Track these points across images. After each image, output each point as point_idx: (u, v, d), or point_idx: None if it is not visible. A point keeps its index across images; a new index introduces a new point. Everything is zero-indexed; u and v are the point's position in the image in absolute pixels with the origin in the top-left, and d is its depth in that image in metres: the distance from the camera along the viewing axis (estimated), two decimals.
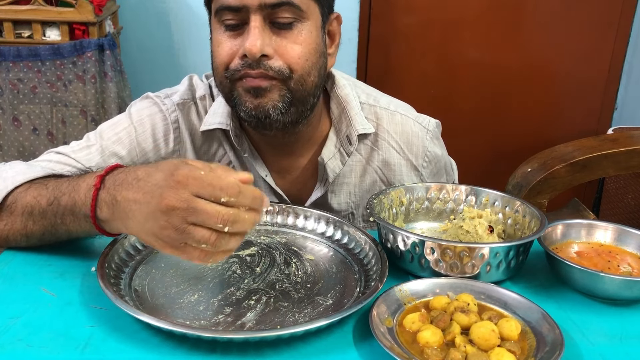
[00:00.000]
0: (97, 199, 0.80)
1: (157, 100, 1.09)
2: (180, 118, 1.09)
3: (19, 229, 0.89)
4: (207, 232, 0.71)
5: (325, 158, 1.07)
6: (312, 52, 0.95)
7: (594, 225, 0.94)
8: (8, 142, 2.39)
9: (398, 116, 1.12)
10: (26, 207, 0.88)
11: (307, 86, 0.96)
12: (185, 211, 0.71)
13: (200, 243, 0.71)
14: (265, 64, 0.91)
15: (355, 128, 1.07)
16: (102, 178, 0.81)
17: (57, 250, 0.91)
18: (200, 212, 0.71)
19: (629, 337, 0.76)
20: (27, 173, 0.92)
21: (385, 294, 0.77)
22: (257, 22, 0.90)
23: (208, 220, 0.71)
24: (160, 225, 0.72)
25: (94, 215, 0.80)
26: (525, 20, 2.80)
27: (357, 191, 1.13)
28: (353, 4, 2.77)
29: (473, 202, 1.02)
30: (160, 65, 2.75)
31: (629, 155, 1.73)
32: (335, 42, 1.04)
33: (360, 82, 1.17)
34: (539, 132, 2.96)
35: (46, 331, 0.72)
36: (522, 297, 0.77)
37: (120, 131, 1.07)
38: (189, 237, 0.71)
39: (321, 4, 0.97)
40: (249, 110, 0.94)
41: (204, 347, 0.70)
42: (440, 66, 2.88)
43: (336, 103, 1.09)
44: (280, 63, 0.92)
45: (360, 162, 1.11)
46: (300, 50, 0.93)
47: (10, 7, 2.22)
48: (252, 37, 0.90)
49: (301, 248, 0.94)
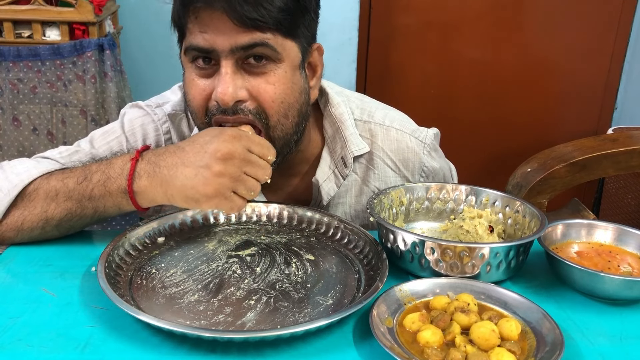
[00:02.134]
0: (135, 169, 0.86)
1: (149, 110, 1.08)
2: (172, 129, 1.08)
3: (37, 214, 0.90)
4: (255, 182, 0.85)
5: (319, 180, 1.05)
6: (288, 92, 0.91)
7: (594, 225, 0.94)
8: (8, 142, 2.39)
9: (393, 132, 1.09)
10: (50, 191, 0.90)
11: (286, 129, 0.93)
12: (242, 161, 0.83)
13: (250, 191, 0.84)
14: (242, 108, 0.89)
15: (351, 150, 1.05)
16: (140, 152, 0.87)
17: (57, 250, 0.91)
18: (255, 163, 0.84)
19: (629, 337, 0.76)
20: (40, 167, 0.94)
21: (385, 294, 0.77)
22: (228, 67, 0.87)
23: (260, 172, 0.85)
24: (215, 173, 0.81)
25: (131, 184, 0.85)
26: (525, 20, 2.80)
27: (353, 211, 1.11)
28: (353, 4, 2.77)
29: (473, 202, 1.02)
30: (160, 65, 2.75)
31: (629, 155, 1.73)
32: (317, 74, 1.00)
33: (353, 94, 1.13)
34: (539, 132, 2.96)
35: (46, 331, 0.72)
36: (522, 297, 0.77)
37: (111, 140, 1.06)
38: (242, 185, 0.83)
39: (299, 40, 0.91)
40: None
41: (204, 347, 0.70)
42: (440, 66, 2.88)
43: (330, 122, 1.06)
44: (256, 105, 0.90)
45: (356, 181, 1.09)
46: (273, 91, 0.89)
47: (10, 7, 2.22)
48: (223, 85, 0.87)
49: (301, 248, 0.94)
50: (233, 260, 0.90)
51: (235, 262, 0.89)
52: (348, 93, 1.12)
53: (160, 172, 0.85)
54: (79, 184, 0.89)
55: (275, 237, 0.98)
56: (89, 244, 0.95)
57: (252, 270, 0.87)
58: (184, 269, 0.87)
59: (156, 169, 0.85)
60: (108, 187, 0.87)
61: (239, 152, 0.83)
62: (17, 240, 0.92)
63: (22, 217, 0.90)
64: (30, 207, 0.90)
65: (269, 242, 0.96)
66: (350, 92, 1.13)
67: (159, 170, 0.85)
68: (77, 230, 0.95)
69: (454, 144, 2.59)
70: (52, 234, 0.93)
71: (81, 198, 0.89)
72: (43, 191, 0.90)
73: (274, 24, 0.86)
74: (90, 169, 0.90)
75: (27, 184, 0.90)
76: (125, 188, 0.86)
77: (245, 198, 0.86)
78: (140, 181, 0.86)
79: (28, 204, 0.90)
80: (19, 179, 0.91)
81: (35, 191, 0.90)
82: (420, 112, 1.18)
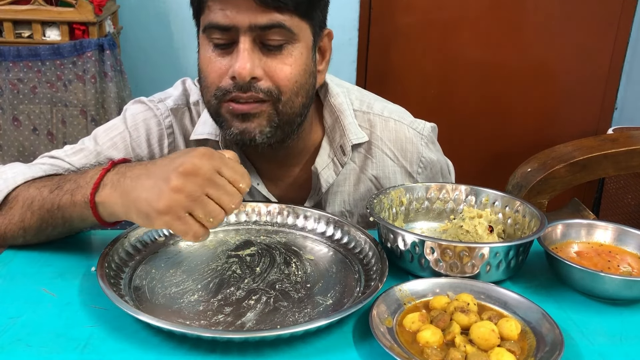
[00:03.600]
0: (103, 179, 0.81)
1: (151, 105, 1.08)
2: (174, 123, 1.08)
3: (16, 222, 0.89)
4: (217, 208, 0.74)
5: (318, 168, 1.06)
6: (302, 73, 0.93)
7: (594, 225, 0.94)
8: (8, 142, 2.39)
9: (392, 122, 1.11)
10: (27, 199, 0.88)
11: (295, 108, 0.94)
12: (207, 180, 0.74)
13: (208, 217, 0.73)
14: (255, 86, 0.90)
15: (349, 138, 1.06)
16: (114, 164, 0.83)
17: (57, 250, 0.91)
18: (221, 187, 0.75)
19: (629, 337, 0.76)
20: (27, 173, 0.93)
21: (385, 294, 0.77)
22: (246, 43, 0.88)
23: (225, 198, 0.74)
24: (172, 187, 0.73)
25: (94, 194, 0.81)
26: (525, 20, 2.81)
27: (351, 200, 1.12)
28: (353, 4, 2.77)
29: (473, 202, 1.02)
30: (160, 65, 2.75)
31: (629, 155, 1.73)
32: (325, 59, 1.03)
33: (353, 87, 1.15)
34: (539, 132, 2.96)
35: (46, 331, 0.72)
36: (522, 297, 0.77)
37: (115, 136, 1.06)
38: (200, 207, 0.74)
39: (313, 23, 0.94)
40: (235, 135, 0.93)
41: (204, 347, 0.70)
42: (440, 66, 2.88)
43: (329, 112, 1.07)
44: (269, 84, 0.91)
45: (354, 170, 1.10)
46: (289, 71, 0.91)
47: (10, 7, 2.22)
48: (241, 60, 0.88)
49: (301, 248, 0.94)
50: (233, 260, 0.90)
51: (235, 262, 0.89)
52: (348, 85, 1.14)
53: (124, 182, 0.79)
54: (51, 192, 0.87)
55: (275, 237, 0.98)
56: (89, 244, 0.95)
57: (252, 270, 0.87)
58: (184, 269, 0.87)
59: (121, 179, 0.80)
60: (74, 196, 0.84)
61: (204, 170, 0.75)
62: (7, 245, 0.92)
63: (4, 225, 0.90)
64: (9, 215, 0.89)
65: (269, 242, 0.96)
66: (351, 85, 1.15)
67: (123, 180, 0.80)
68: (56, 238, 0.92)
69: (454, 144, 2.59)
70: (34, 242, 0.91)
71: (51, 207, 0.86)
72: (22, 198, 0.89)
73: (294, 5, 0.88)
74: (66, 177, 0.88)
75: (11, 190, 0.90)
76: (88, 197, 0.81)
77: (204, 224, 0.76)
78: (103, 191, 0.81)
79: (9, 212, 0.89)
80: (5, 185, 0.90)
81: (15, 198, 0.89)
82: (420, 112, 1.18)
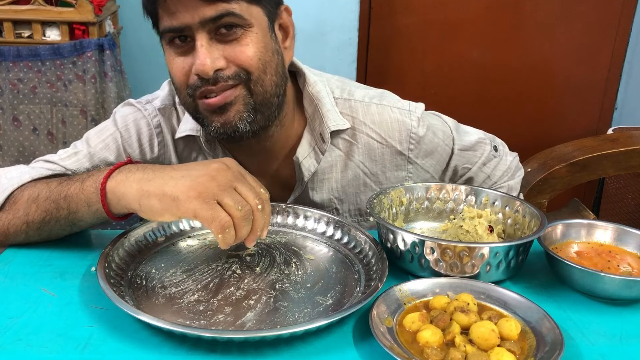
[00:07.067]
0: (119, 168, 0.86)
1: (139, 106, 1.10)
2: (163, 123, 1.10)
3: (20, 216, 0.90)
4: (243, 200, 0.80)
5: (300, 157, 1.07)
6: (263, 51, 0.93)
7: (594, 225, 0.94)
8: (8, 142, 2.39)
9: (373, 107, 1.10)
10: (33, 193, 0.90)
11: (266, 86, 0.95)
12: (237, 174, 0.83)
13: (236, 205, 0.79)
14: (222, 75, 0.91)
15: (328, 125, 1.06)
16: (131, 160, 0.87)
17: (57, 250, 0.91)
18: (248, 184, 0.83)
19: (629, 337, 0.76)
20: (33, 172, 0.94)
21: (385, 294, 0.77)
22: (202, 40, 0.90)
23: (251, 193, 0.81)
24: (206, 175, 0.80)
25: (106, 179, 0.84)
26: (525, 21, 2.80)
27: (340, 187, 1.12)
28: (353, 4, 2.77)
29: (473, 202, 1.02)
30: (160, 65, 2.71)
31: (629, 155, 1.73)
32: (289, 34, 1.02)
33: (334, 77, 1.15)
34: (539, 132, 2.96)
35: (46, 331, 0.72)
36: (522, 297, 0.77)
37: (106, 137, 1.08)
38: (229, 195, 0.79)
39: (264, 5, 0.95)
40: (217, 129, 0.95)
41: (204, 347, 0.70)
42: (440, 66, 2.88)
43: (309, 101, 1.08)
44: (235, 69, 0.92)
45: (340, 157, 1.10)
46: (251, 51, 0.92)
47: (10, 7, 2.22)
48: (201, 56, 0.89)
49: (301, 248, 0.95)
50: (233, 260, 0.90)
51: (235, 262, 0.89)
52: (328, 76, 1.14)
53: (145, 172, 0.84)
54: (60, 184, 0.89)
55: (275, 237, 0.98)
56: (89, 244, 0.95)
57: (252, 270, 0.87)
58: (184, 269, 0.87)
59: (140, 169, 0.85)
60: (84, 183, 0.87)
61: (234, 169, 0.84)
62: (8, 244, 0.93)
63: (7, 220, 0.91)
64: (14, 210, 0.90)
65: (269, 242, 0.96)
66: (331, 75, 1.15)
67: (143, 170, 0.84)
68: (57, 236, 0.93)
69: None
70: (35, 239, 0.92)
71: (58, 197, 0.88)
72: (27, 193, 0.90)
73: None
74: (78, 173, 0.91)
75: (16, 187, 0.91)
76: (100, 183, 0.85)
77: (230, 213, 0.79)
78: (117, 176, 0.85)
79: (13, 207, 0.91)
80: (10, 184, 0.92)
81: (20, 194, 0.91)
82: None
